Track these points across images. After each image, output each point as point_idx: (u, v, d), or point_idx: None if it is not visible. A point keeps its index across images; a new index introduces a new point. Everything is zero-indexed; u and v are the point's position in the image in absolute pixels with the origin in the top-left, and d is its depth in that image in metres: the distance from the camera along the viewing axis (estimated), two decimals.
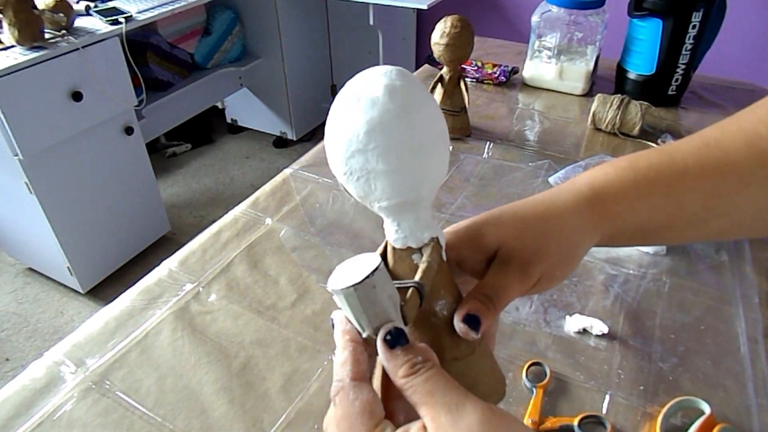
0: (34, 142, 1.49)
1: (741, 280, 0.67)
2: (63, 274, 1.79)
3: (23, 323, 1.81)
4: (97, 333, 0.61)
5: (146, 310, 0.64)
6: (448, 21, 0.88)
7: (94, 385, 0.55)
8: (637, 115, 0.95)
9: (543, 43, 1.12)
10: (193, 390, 0.55)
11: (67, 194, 1.65)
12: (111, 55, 1.65)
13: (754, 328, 0.61)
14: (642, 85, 1.07)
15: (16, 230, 1.82)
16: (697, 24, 0.97)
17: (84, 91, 1.56)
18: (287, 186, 0.86)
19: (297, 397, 0.54)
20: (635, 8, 1.00)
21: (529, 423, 0.51)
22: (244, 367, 0.57)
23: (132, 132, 1.80)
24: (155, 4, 1.82)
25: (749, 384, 0.55)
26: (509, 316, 0.63)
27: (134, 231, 1.94)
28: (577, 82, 1.12)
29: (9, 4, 1.39)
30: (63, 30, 1.54)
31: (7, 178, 1.58)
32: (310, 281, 0.68)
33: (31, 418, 0.52)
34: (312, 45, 2.61)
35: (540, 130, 1.02)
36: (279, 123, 2.72)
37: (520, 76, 1.19)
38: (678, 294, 0.65)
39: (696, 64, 1.06)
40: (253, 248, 0.73)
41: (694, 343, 0.59)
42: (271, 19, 2.37)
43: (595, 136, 0.99)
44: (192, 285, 0.67)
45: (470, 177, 0.88)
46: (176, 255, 0.72)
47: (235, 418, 0.52)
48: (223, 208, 0.94)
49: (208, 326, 0.62)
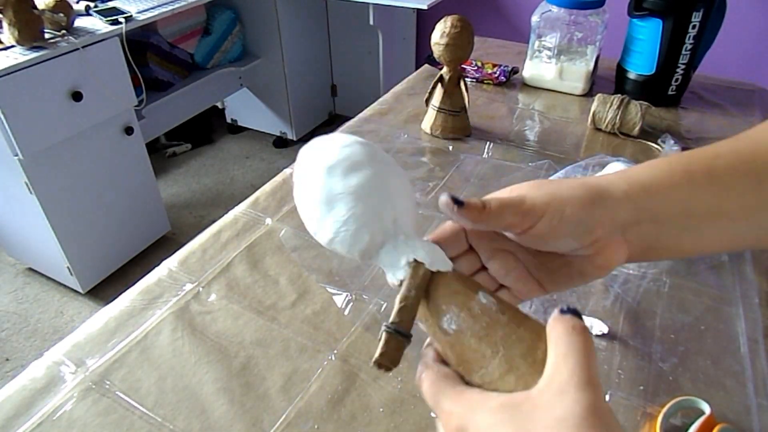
0: (34, 142, 1.49)
1: (741, 280, 0.67)
2: (63, 274, 1.79)
3: (23, 323, 1.81)
4: (97, 333, 0.61)
5: (146, 310, 0.64)
6: (448, 21, 0.88)
7: (94, 385, 0.55)
8: (637, 115, 0.95)
9: (543, 43, 1.12)
10: (193, 390, 0.55)
11: (67, 194, 1.65)
12: (111, 55, 1.65)
13: (754, 328, 0.61)
14: (642, 85, 1.07)
15: (16, 230, 1.82)
16: (697, 24, 0.97)
17: (84, 91, 1.56)
18: (287, 186, 0.86)
19: (297, 397, 0.54)
20: (635, 8, 1.00)
21: None
22: (244, 367, 0.57)
23: (132, 132, 1.80)
24: (155, 4, 1.82)
25: (749, 384, 0.55)
26: None
27: (134, 231, 1.94)
28: (577, 82, 1.12)
29: (9, 4, 1.39)
30: (63, 30, 1.54)
31: (7, 178, 1.58)
32: (310, 281, 0.68)
33: (31, 418, 0.52)
34: (312, 45, 2.61)
35: (540, 130, 1.02)
36: (279, 123, 2.72)
37: (520, 76, 1.19)
38: (678, 294, 0.65)
39: (696, 64, 1.06)
40: (253, 248, 0.73)
41: (694, 343, 0.59)
42: (271, 19, 2.37)
43: (595, 136, 0.99)
44: (192, 285, 0.67)
45: (470, 177, 0.88)
46: (176, 255, 0.72)
47: (235, 418, 0.52)
48: (223, 208, 0.94)
49: (208, 326, 0.62)
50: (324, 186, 0.32)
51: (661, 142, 0.94)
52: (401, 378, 0.56)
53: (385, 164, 0.34)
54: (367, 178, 0.32)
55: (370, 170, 0.32)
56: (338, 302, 0.65)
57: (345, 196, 0.32)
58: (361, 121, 1.05)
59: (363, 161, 0.33)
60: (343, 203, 0.32)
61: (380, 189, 0.32)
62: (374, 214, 0.32)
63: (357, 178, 0.32)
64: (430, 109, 0.98)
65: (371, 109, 1.10)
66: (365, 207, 0.32)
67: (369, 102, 1.14)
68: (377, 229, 0.32)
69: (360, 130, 1.01)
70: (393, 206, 0.32)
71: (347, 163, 0.32)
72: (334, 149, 0.33)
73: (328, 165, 0.32)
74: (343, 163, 0.32)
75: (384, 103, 1.12)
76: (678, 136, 0.97)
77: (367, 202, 0.32)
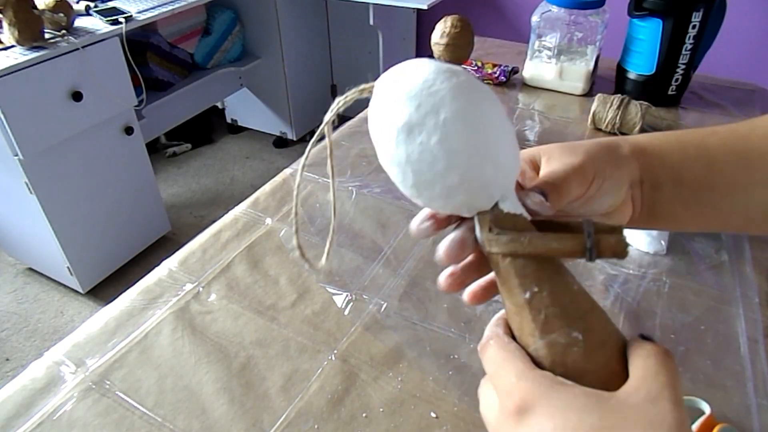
0: (34, 142, 1.49)
1: (741, 280, 0.67)
2: (63, 274, 1.79)
3: (23, 323, 1.81)
4: (97, 333, 0.61)
5: (146, 310, 0.64)
6: (448, 21, 0.88)
7: (94, 385, 0.55)
8: (637, 115, 0.95)
9: (543, 43, 1.12)
10: (193, 390, 0.55)
11: (67, 194, 1.65)
12: (111, 55, 1.65)
13: (754, 328, 0.61)
14: (642, 85, 1.07)
15: (16, 230, 1.82)
16: (697, 24, 0.97)
17: (84, 91, 1.56)
18: (287, 186, 0.86)
19: (297, 397, 0.54)
20: (635, 8, 1.00)
21: None
22: (244, 367, 0.57)
23: (132, 132, 1.80)
24: (155, 4, 1.82)
25: (749, 384, 0.55)
26: None
27: (134, 231, 1.94)
28: (577, 82, 1.12)
29: (9, 4, 1.39)
30: (63, 30, 1.54)
31: (7, 178, 1.58)
32: (310, 281, 0.68)
33: (31, 418, 0.52)
34: (312, 45, 2.61)
35: (540, 130, 1.02)
36: (279, 123, 2.72)
37: (520, 76, 1.19)
38: (678, 294, 0.65)
39: (696, 64, 1.06)
40: (253, 248, 0.73)
41: (694, 343, 0.59)
42: (271, 19, 2.37)
43: (595, 136, 0.99)
44: (192, 285, 0.67)
45: None
46: (176, 255, 0.72)
47: (235, 418, 0.52)
48: (223, 208, 0.94)
49: (208, 326, 0.62)
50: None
51: None
52: (401, 378, 0.56)
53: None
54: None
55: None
56: (338, 302, 0.65)
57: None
58: (361, 121, 1.05)
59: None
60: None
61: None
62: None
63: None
64: None
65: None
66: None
67: (369, 102, 1.13)
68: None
69: (360, 130, 1.01)
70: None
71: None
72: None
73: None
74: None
75: None
76: None
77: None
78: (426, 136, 0.26)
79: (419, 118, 0.26)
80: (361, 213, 0.80)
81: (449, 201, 0.27)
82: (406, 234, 0.76)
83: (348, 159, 0.93)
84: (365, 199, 0.82)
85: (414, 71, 0.28)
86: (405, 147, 0.27)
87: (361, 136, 0.99)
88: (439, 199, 0.27)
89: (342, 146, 0.96)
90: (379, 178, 0.87)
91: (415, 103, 0.26)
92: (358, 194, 0.83)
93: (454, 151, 0.26)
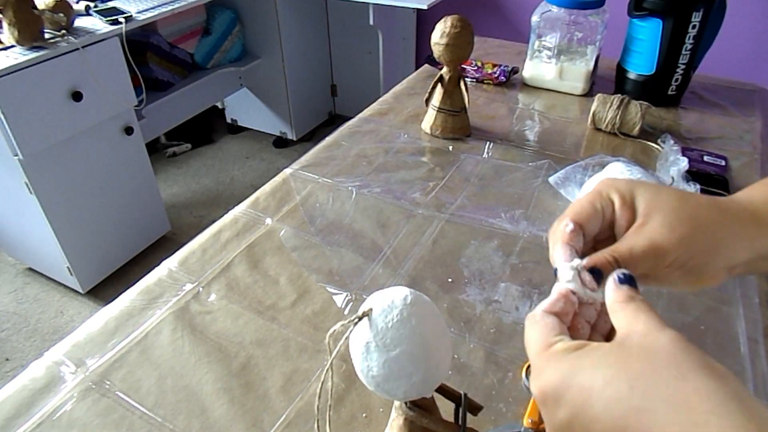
0: (34, 142, 1.49)
1: (741, 280, 0.67)
2: (63, 274, 1.79)
3: (23, 323, 1.81)
4: (97, 333, 0.61)
5: (146, 310, 0.64)
6: (448, 21, 0.88)
7: (94, 385, 0.55)
8: (637, 115, 0.95)
9: (543, 43, 1.12)
10: (193, 390, 0.55)
11: (67, 194, 1.65)
12: (111, 55, 1.65)
13: (754, 328, 0.61)
14: (642, 85, 1.07)
15: (16, 230, 1.82)
16: (697, 24, 0.97)
17: (84, 91, 1.56)
18: (287, 186, 0.86)
19: (297, 397, 0.54)
20: (635, 8, 1.00)
21: (529, 423, 0.51)
22: (244, 367, 0.57)
23: (132, 132, 1.80)
24: (155, 4, 1.82)
25: (749, 384, 0.55)
26: (509, 315, 0.63)
27: (134, 231, 1.94)
28: (577, 82, 1.12)
29: (9, 4, 1.39)
30: (63, 30, 1.54)
31: (7, 178, 1.58)
32: (310, 281, 0.68)
33: (31, 418, 0.52)
34: (312, 45, 2.61)
35: (540, 130, 1.02)
36: (279, 123, 2.72)
37: (520, 76, 1.19)
38: (678, 294, 0.65)
39: (696, 64, 1.06)
40: (253, 248, 0.73)
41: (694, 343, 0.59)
42: (271, 19, 2.37)
43: (595, 136, 0.99)
44: (192, 285, 0.67)
45: (470, 177, 0.88)
46: (176, 255, 0.72)
47: (235, 418, 0.52)
48: (223, 208, 0.94)
49: (208, 326, 0.62)
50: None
51: (661, 142, 0.94)
52: None
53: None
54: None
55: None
56: (338, 302, 0.65)
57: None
58: (361, 121, 1.05)
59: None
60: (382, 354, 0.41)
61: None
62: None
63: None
64: (430, 109, 0.98)
65: (371, 109, 1.10)
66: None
67: (369, 102, 1.14)
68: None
69: (360, 130, 1.01)
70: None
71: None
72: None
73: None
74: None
75: (384, 103, 1.12)
76: (678, 136, 0.97)
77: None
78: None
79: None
80: (361, 213, 0.80)
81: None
82: (406, 234, 0.76)
83: (348, 159, 0.93)
84: (365, 199, 0.82)
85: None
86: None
87: (361, 136, 0.99)
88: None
89: (342, 146, 0.96)
90: (379, 178, 0.87)
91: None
92: (358, 194, 0.84)
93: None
